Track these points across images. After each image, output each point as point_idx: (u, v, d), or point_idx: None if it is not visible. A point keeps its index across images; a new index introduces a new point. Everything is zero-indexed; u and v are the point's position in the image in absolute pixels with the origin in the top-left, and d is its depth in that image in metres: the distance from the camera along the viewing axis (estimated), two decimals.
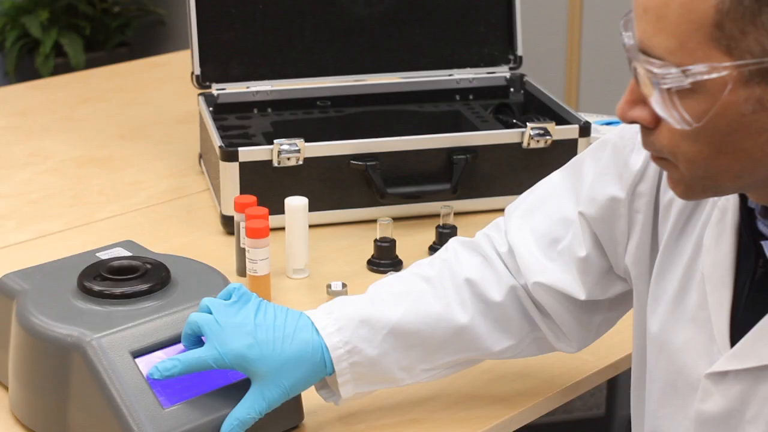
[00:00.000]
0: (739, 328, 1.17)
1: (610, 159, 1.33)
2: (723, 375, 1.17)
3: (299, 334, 1.31)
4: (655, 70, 1.01)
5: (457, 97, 2.25)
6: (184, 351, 1.31)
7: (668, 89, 1.01)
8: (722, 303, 1.18)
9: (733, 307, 1.18)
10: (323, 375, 1.34)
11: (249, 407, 1.28)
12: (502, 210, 1.76)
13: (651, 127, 1.06)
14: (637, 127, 1.10)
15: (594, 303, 1.40)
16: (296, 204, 1.73)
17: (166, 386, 1.29)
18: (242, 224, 1.70)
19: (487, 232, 1.46)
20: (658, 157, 1.09)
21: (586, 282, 1.37)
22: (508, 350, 1.41)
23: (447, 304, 1.38)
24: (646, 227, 1.29)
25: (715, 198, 1.18)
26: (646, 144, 1.08)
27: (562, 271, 1.37)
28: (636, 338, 1.36)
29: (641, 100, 1.05)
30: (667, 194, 1.26)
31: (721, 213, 1.19)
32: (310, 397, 1.42)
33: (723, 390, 1.18)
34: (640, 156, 1.28)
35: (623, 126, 1.30)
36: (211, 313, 1.31)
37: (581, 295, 1.37)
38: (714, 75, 0.99)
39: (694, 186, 1.08)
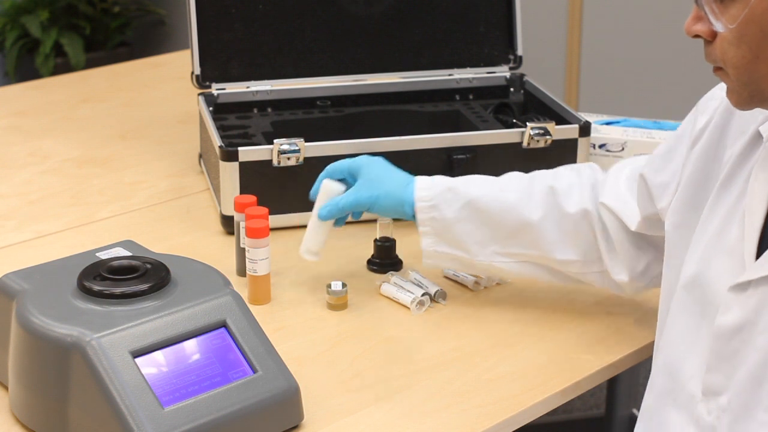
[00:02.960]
0: (766, 247, 1.28)
1: (690, 117, 1.48)
2: (744, 286, 1.27)
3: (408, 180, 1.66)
4: None
5: (457, 97, 2.25)
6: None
7: None
8: (754, 224, 1.29)
9: (764, 230, 1.29)
10: (404, 215, 1.65)
11: (344, 197, 1.66)
12: None
13: (709, 39, 1.24)
14: (711, 93, 1.40)
15: (643, 239, 1.57)
16: (333, 187, 1.70)
17: (166, 386, 1.29)
18: (242, 224, 1.70)
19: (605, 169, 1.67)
20: (717, 68, 1.26)
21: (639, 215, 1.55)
22: (572, 264, 1.62)
23: (524, 199, 1.61)
24: (694, 181, 1.40)
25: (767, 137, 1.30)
26: (707, 56, 1.26)
27: (627, 200, 1.56)
28: (665, 287, 1.45)
29: (702, 17, 1.24)
30: (729, 150, 1.36)
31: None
32: (310, 398, 1.42)
33: (742, 301, 1.27)
34: (704, 117, 1.42)
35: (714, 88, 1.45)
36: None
37: (632, 225, 1.55)
38: None
39: (742, 92, 1.25)
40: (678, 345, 1.38)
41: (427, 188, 1.64)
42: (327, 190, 1.69)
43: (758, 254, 1.28)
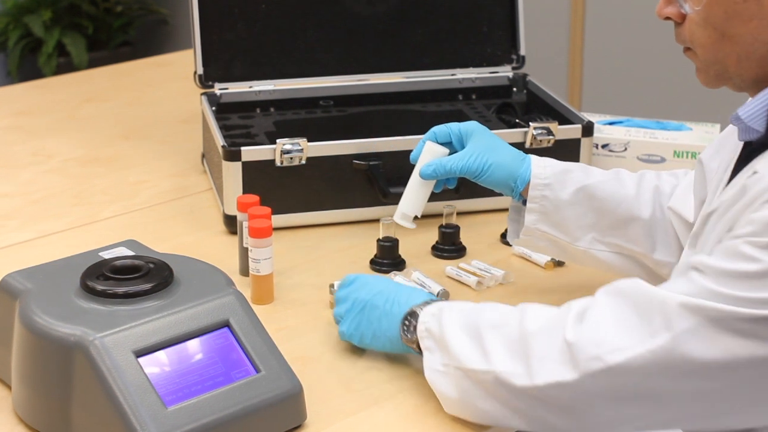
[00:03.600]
0: None
1: None
2: (694, 239, 1.42)
3: (522, 155, 1.65)
4: None
5: (460, 97, 2.25)
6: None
7: None
8: (721, 185, 1.39)
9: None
10: (509, 189, 1.64)
11: (452, 159, 1.63)
12: (505, 210, 1.77)
13: (679, 21, 1.37)
14: None
15: None
16: (437, 150, 1.66)
17: (169, 385, 1.29)
18: (245, 224, 1.70)
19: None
20: (686, 49, 1.39)
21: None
22: (666, 266, 1.63)
23: (636, 194, 1.63)
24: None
25: None
26: (677, 36, 1.38)
27: (689, 198, 1.58)
28: None
29: (672, 1, 1.36)
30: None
31: None
32: (313, 398, 1.42)
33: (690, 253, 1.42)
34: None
35: None
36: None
37: (690, 217, 1.58)
38: None
39: (709, 71, 1.37)
40: None
41: (544, 167, 1.63)
42: (431, 151, 1.66)
43: None
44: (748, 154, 1.35)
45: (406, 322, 1.45)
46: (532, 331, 1.32)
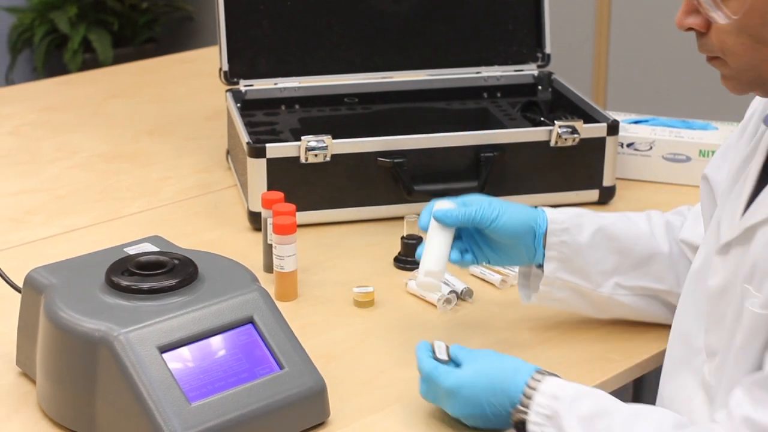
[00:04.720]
0: None
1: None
2: (726, 248, 1.33)
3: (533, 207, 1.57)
4: None
5: (485, 95, 2.25)
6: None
7: None
8: (745, 190, 1.33)
9: (753, 196, 1.33)
10: (529, 235, 1.54)
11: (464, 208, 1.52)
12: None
13: (703, 31, 1.27)
14: None
15: None
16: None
17: (193, 381, 1.30)
18: (269, 220, 1.70)
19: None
20: (712, 57, 1.29)
21: None
22: None
23: (651, 230, 1.59)
24: (736, 167, 1.41)
25: None
26: (701, 47, 1.29)
27: (700, 228, 1.54)
28: None
29: (694, 10, 1.27)
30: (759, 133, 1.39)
31: None
32: (336, 395, 1.42)
33: (725, 263, 1.33)
34: (751, 109, 1.46)
35: None
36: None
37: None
38: None
39: (741, 78, 1.28)
40: (689, 310, 1.43)
41: (559, 212, 1.57)
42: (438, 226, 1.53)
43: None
44: None
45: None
46: None
